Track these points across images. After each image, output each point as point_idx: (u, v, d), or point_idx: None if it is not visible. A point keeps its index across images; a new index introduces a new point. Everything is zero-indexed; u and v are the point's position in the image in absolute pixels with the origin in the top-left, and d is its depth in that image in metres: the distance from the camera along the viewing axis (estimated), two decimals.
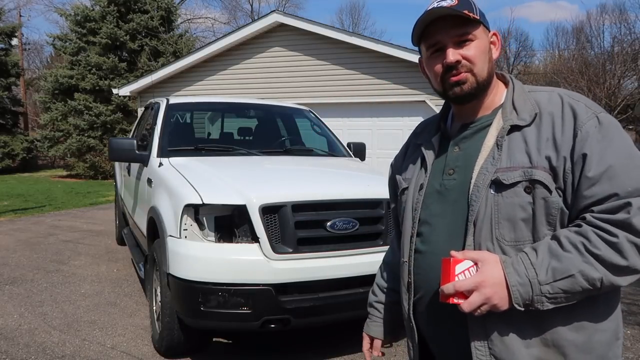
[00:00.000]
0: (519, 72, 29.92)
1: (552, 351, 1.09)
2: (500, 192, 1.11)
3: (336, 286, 2.98)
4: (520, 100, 1.19)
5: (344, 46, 9.98)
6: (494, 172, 1.12)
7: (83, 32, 17.08)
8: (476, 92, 1.19)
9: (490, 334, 1.11)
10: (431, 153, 1.30)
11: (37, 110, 25.07)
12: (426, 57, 1.24)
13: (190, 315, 2.93)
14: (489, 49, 1.20)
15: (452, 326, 1.18)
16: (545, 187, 1.08)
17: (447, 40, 1.17)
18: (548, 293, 1.03)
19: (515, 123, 1.15)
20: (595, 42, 23.23)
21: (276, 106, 5.31)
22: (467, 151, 1.21)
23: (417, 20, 1.19)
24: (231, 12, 43.82)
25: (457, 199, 1.19)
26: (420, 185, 1.27)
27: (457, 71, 1.17)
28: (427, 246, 1.23)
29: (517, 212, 1.09)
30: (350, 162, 4.44)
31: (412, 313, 1.28)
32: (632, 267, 1.02)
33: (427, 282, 1.22)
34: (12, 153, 18.92)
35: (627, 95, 18.41)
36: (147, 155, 4.01)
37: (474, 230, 1.13)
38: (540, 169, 1.08)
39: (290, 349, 3.49)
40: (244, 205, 2.89)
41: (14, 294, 4.54)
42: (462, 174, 1.20)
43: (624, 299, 4.36)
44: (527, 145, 1.12)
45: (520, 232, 1.10)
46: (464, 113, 1.26)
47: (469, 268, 1.07)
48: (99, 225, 7.99)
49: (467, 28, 1.16)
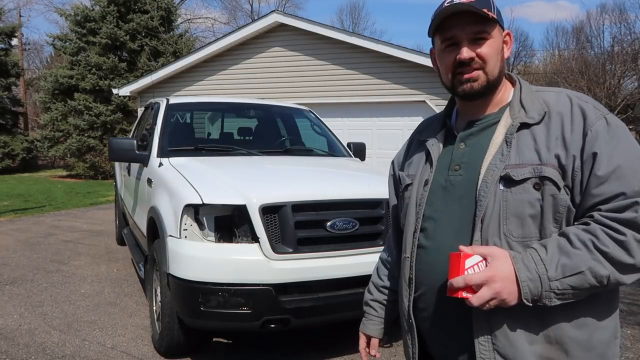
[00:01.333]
0: (518, 72, 29.89)
1: (554, 348, 1.10)
2: (510, 188, 1.12)
3: (336, 286, 2.98)
4: (528, 99, 1.20)
5: (344, 46, 9.97)
6: (503, 168, 1.13)
7: (83, 32, 17.07)
8: (486, 91, 1.20)
9: (494, 330, 1.11)
10: (436, 149, 1.30)
11: (37, 110, 25.07)
12: (439, 49, 1.24)
13: (190, 315, 2.93)
14: (501, 49, 1.21)
15: (455, 322, 1.18)
16: (554, 184, 1.09)
17: (463, 36, 1.17)
18: (557, 289, 1.04)
19: (524, 121, 1.16)
20: (595, 42, 23.22)
21: (276, 106, 5.31)
22: (473, 148, 1.22)
23: (436, 12, 1.20)
24: (231, 12, 43.85)
25: (463, 195, 1.19)
26: (425, 181, 1.28)
27: (469, 68, 1.18)
28: (431, 242, 1.23)
29: (526, 208, 1.10)
30: (350, 162, 4.44)
31: (412, 309, 1.27)
32: (637, 265, 1.04)
33: (429, 278, 1.22)
34: (12, 153, 18.92)
35: (627, 95, 18.40)
36: (147, 155, 4.01)
37: (482, 226, 1.13)
38: (549, 167, 1.10)
39: (290, 349, 3.49)
40: (244, 205, 2.89)
41: (14, 294, 4.54)
42: (468, 170, 1.20)
43: (624, 298, 4.36)
44: (536, 143, 1.13)
45: (527, 228, 1.11)
46: (470, 110, 1.26)
47: (478, 263, 1.07)
48: (99, 225, 7.99)
49: (484, 26, 1.17)
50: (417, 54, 9.45)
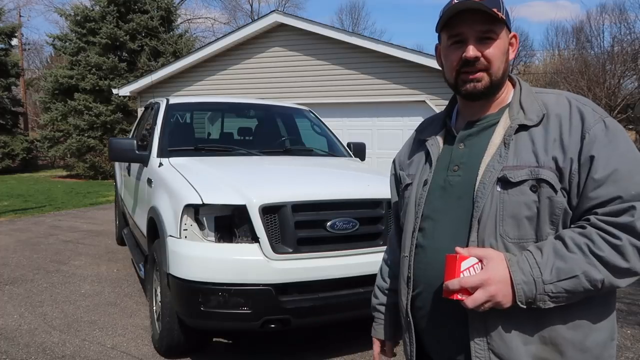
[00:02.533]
0: (519, 72, 29.87)
1: (549, 349, 1.10)
2: (507, 190, 1.12)
3: (336, 286, 2.98)
4: (528, 100, 1.20)
5: (344, 46, 9.98)
6: (500, 169, 1.13)
7: (83, 32, 17.07)
8: (489, 92, 1.20)
9: (490, 331, 1.11)
10: (436, 149, 1.30)
11: (37, 110, 25.07)
12: (445, 46, 1.24)
13: (190, 315, 2.93)
14: (507, 50, 1.21)
15: (451, 322, 1.18)
16: (551, 186, 1.09)
17: (470, 34, 1.17)
18: (551, 292, 1.04)
19: (523, 122, 1.16)
20: (595, 42, 23.22)
21: (276, 106, 5.31)
22: (472, 148, 1.22)
23: (445, 8, 1.19)
24: (231, 12, 43.89)
25: (461, 195, 1.19)
26: (425, 180, 1.28)
27: (474, 68, 1.17)
28: (429, 241, 1.23)
29: (522, 210, 1.11)
30: (350, 162, 4.44)
31: (410, 308, 1.28)
32: (632, 269, 1.04)
33: (426, 277, 1.23)
34: (12, 153, 18.92)
35: (627, 95, 18.39)
36: (147, 155, 4.01)
37: (478, 226, 1.13)
38: (546, 169, 1.10)
39: (290, 349, 3.49)
40: (244, 205, 2.89)
41: (14, 294, 4.54)
42: (467, 170, 1.20)
43: (624, 298, 4.36)
44: (534, 145, 1.13)
45: (524, 230, 1.11)
46: (470, 110, 1.26)
47: (474, 265, 1.07)
48: (99, 226, 7.99)
49: (491, 26, 1.17)
50: (417, 54, 9.46)
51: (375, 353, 1.50)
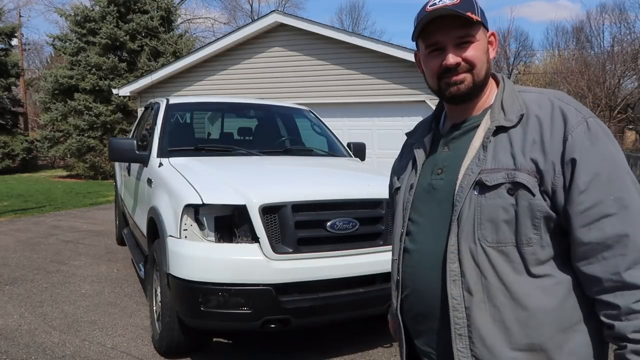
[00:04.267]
0: (519, 72, 29.89)
1: (538, 356, 1.08)
2: (484, 194, 1.11)
3: (336, 286, 2.98)
4: (509, 100, 1.17)
5: (344, 46, 9.98)
6: (478, 173, 1.12)
7: (83, 32, 17.05)
8: (472, 92, 1.18)
9: (473, 336, 1.10)
10: (422, 153, 1.30)
11: (37, 110, 25.05)
12: (424, 54, 1.22)
13: (190, 315, 2.93)
14: (487, 50, 1.19)
15: (436, 324, 1.18)
16: (527, 190, 1.07)
17: (448, 42, 1.15)
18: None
19: (502, 124, 1.14)
20: (595, 41, 23.25)
21: (276, 106, 5.31)
22: (455, 152, 1.21)
23: (418, 17, 1.17)
24: (231, 12, 43.81)
25: (443, 199, 1.19)
26: (411, 185, 1.28)
27: (455, 73, 1.16)
28: (415, 245, 1.24)
29: (500, 213, 1.09)
30: (350, 162, 4.44)
31: (400, 310, 1.29)
32: None
33: (413, 281, 1.23)
34: (12, 153, 18.90)
35: (627, 95, 18.42)
36: (147, 155, 4.01)
37: (457, 230, 1.13)
38: (524, 172, 1.08)
39: (290, 349, 3.49)
40: (244, 205, 2.89)
41: (14, 294, 4.54)
42: (449, 174, 1.19)
43: None
44: (512, 147, 1.11)
45: (502, 233, 1.09)
46: (456, 113, 1.25)
47: None
48: (99, 226, 7.99)
49: (468, 30, 1.14)
50: None
51: (392, 331, 1.50)
